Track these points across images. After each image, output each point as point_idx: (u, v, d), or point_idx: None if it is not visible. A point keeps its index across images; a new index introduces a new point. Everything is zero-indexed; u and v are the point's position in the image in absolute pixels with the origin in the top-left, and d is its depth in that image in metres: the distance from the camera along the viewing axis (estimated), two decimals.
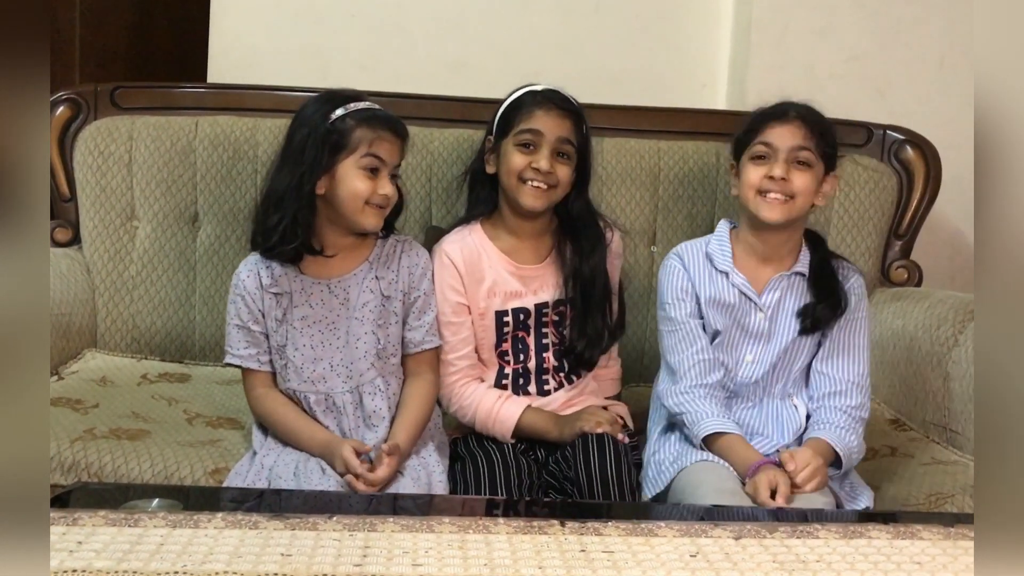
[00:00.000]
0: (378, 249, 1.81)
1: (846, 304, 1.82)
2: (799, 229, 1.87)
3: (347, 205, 1.72)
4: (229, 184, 2.33)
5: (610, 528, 1.31)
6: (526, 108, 1.89)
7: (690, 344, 1.84)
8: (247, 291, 1.78)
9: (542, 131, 1.87)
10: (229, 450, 1.83)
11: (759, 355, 1.84)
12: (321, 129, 1.71)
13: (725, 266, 1.85)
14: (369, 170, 1.71)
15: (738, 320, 1.84)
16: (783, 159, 1.78)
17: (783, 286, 1.84)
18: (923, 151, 2.41)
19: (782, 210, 1.78)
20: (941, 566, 1.24)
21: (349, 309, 1.78)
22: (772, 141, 1.80)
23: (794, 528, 1.35)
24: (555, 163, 1.87)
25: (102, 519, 1.28)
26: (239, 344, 1.79)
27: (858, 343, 1.84)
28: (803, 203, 1.80)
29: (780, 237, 1.84)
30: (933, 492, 1.77)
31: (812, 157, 1.79)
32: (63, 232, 2.36)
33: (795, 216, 1.81)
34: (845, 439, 1.76)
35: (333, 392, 1.77)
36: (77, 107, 2.35)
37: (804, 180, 1.78)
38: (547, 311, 1.94)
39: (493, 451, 1.82)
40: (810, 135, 1.79)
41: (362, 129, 1.71)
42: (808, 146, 1.79)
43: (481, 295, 1.91)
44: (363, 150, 1.70)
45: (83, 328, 2.29)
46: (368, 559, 1.19)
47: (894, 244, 2.43)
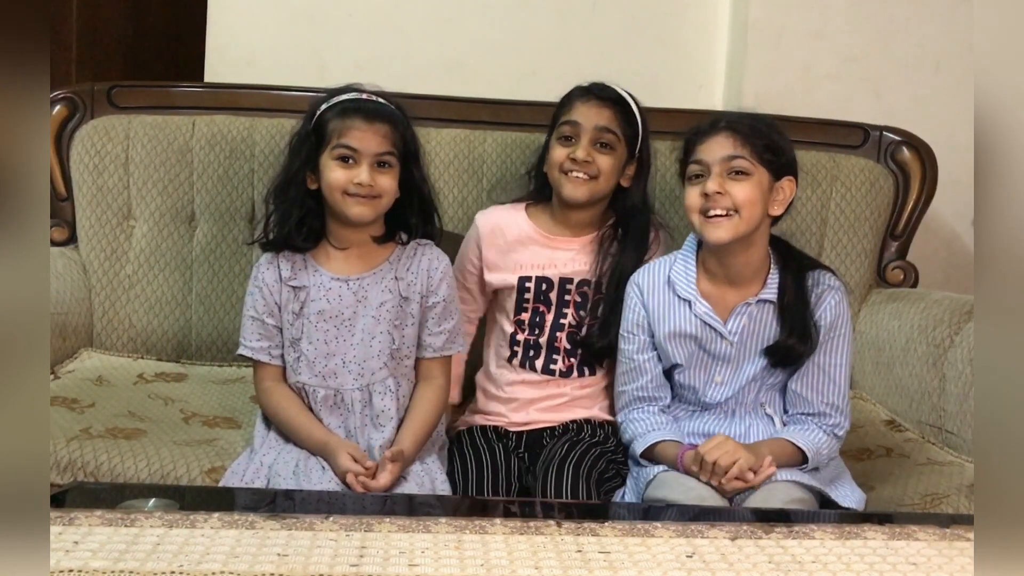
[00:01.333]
0: (399, 251, 1.82)
1: (818, 334, 1.73)
2: (759, 246, 1.76)
3: (329, 196, 1.74)
4: (226, 184, 2.33)
5: (606, 528, 1.32)
6: (567, 102, 1.93)
7: (634, 379, 1.83)
8: (265, 283, 1.79)
9: (579, 121, 1.89)
10: (225, 449, 1.83)
11: (728, 377, 1.79)
12: (308, 126, 1.76)
13: (688, 294, 1.78)
14: (341, 159, 1.72)
15: (703, 346, 1.79)
16: (716, 173, 1.69)
17: (751, 312, 1.76)
18: (919, 152, 2.41)
19: (728, 227, 1.69)
20: (937, 567, 1.24)
21: (366, 307, 1.78)
22: (703, 156, 1.71)
23: (790, 529, 1.35)
24: (595, 153, 1.88)
25: (98, 519, 1.27)
26: (252, 336, 1.79)
27: (836, 363, 1.75)
28: (750, 215, 1.69)
29: (739, 259, 1.75)
30: (929, 493, 1.78)
31: (748, 165, 1.69)
32: (59, 231, 2.35)
33: (743, 232, 1.70)
34: (812, 437, 1.71)
35: (343, 389, 1.77)
36: (74, 106, 2.34)
37: (744, 191, 1.68)
38: (570, 287, 1.94)
39: (483, 451, 1.83)
40: (743, 142, 1.69)
41: (335, 120, 1.73)
42: (741, 154, 1.69)
43: (507, 263, 1.95)
44: (334, 140, 1.72)
45: (79, 327, 2.28)
46: (365, 559, 1.19)
47: (890, 245, 2.43)
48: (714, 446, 1.65)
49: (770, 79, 2.62)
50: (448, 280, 1.83)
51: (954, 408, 1.97)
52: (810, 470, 1.72)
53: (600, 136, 1.88)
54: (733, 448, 1.64)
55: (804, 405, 1.77)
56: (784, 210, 1.77)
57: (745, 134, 1.70)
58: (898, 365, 2.15)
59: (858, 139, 2.44)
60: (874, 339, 2.25)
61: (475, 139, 2.38)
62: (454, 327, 1.83)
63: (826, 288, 1.78)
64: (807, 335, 1.73)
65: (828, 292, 1.77)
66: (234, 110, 2.38)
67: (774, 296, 1.76)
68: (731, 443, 1.66)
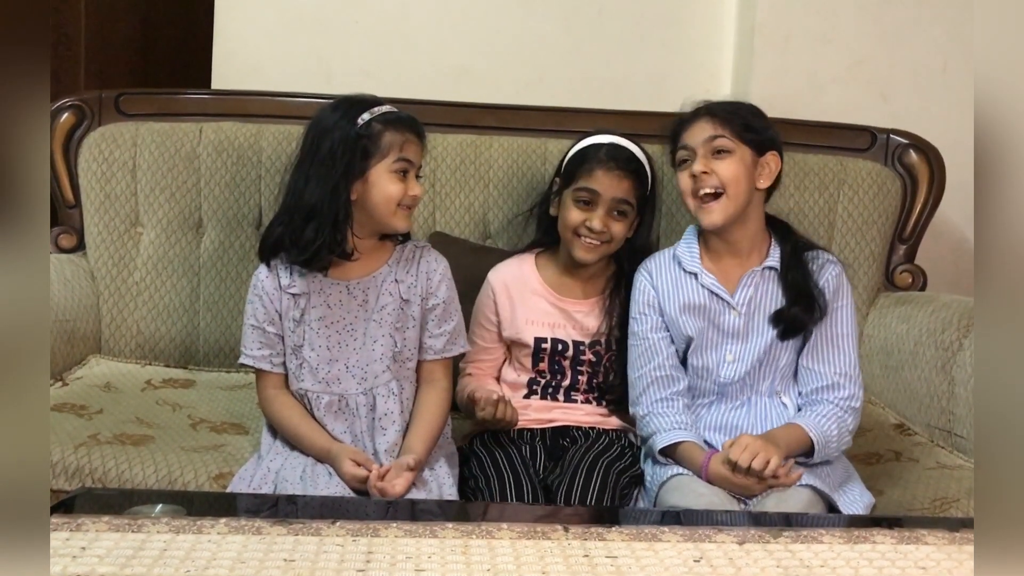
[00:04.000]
0: (398, 253, 1.82)
1: (824, 303, 1.79)
2: (754, 219, 1.84)
3: (380, 208, 1.73)
4: (233, 190, 2.33)
5: (614, 533, 1.31)
6: (587, 164, 1.92)
7: (650, 359, 1.85)
8: (265, 291, 1.78)
9: (599, 191, 1.89)
10: (233, 455, 1.83)
11: (739, 353, 1.81)
12: (351, 135, 1.70)
13: (693, 267, 1.84)
14: (400, 172, 1.73)
15: (712, 321, 1.82)
16: (701, 155, 1.78)
17: (756, 282, 1.82)
18: (927, 155, 2.41)
19: (719, 210, 1.78)
20: (946, 571, 1.23)
21: (368, 311, 1.78)
22: (687, 142, 1.81)
23: (798, 533, 1.34)
24: (610, 221, 1.90)
25: (105, 524, 1.27)
26: (253, 345, 1.79)
27: (842, 332, 1.80)
28: (736, 192, 1.77)
29: (736, 234, 1.82)
30: (938, 497, 1.77)
31: (729, 143, 1.77)
32: (67, 238, 2.36)
33: (734, 211, 1.78)
34: (823, 425, 1.73)
35: (347, 394, 1.77)
36: (81, 114, 2.35)
37: (728, 168, 1.77)
38: (584, 348, 1.97)
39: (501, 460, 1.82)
40: (722, 124, 1.78)
41: (391, 133, 1.72)
42: (722, 134, 1.77)
43: (520, 321, 1.97)
44: (395, 154, 1.72)
45: (87, 334, 2.29)
46: (371, 564, 1.19)
47: (898, 248, 2.43)
48: (743, 449, 1.64)
49: (777, 83, 2.62)
50: (447, 282, 1.83)
51: (963, 412, 1.96)
52: (819, 464, 1.72)
53: (617, 206, 1.91)
54: (762, 447, 1.64)
55: (816, 379, 1.79)
56: (772, 183, 1.83)
57: (723, 116, 1.79)
58: (907, 369, 2.14)
59: (865, 142, 2.44)
60: (883, 343, 2.24)
61: (481, 144, 2.38)
62: (454, 328, 1.82)
63: (825, 262, 1.84)
64: (812, 304, 1.78)
65: (828, 265, 1.83)
66: (241, 117, 2.39)
67: (777, 264, 1.82)
68: (757, 442, 1.66)
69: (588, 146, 1.95)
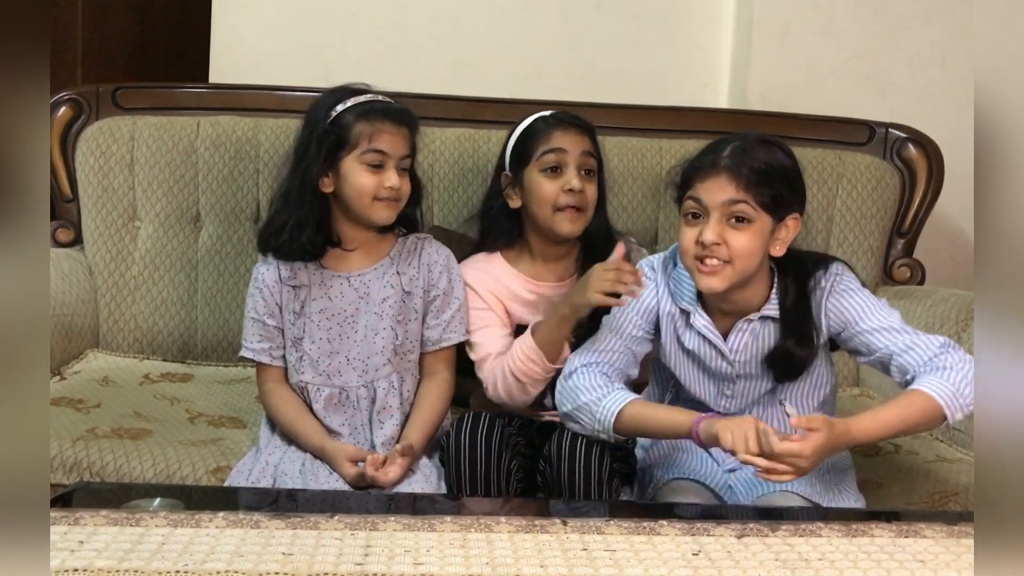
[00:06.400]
0: (399, 245, 1.82)
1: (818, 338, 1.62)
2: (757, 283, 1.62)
3: (355, 201, 1.73)
4: (231, 184, 2.33)
5: (612, 527, 1.31)
6: (542, 132, 1.85)
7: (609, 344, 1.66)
8: (265, 284, 1.78)
9: (566, 148, 1.82)
10: (231, 449, 1.83)
11: (738, 392, 1.68)
12: (321, 127, 1.71)
13: (687, 304, 1.65)
14: (372, 165, 1.71)
15: (704, 366, 1.67)
16: (715, 219, 1.53)
17: (752, 329, 1.64)
18: (925, 149, 2.41)
19: (722, 277, 1.55)
20: (944, 564, 1.23)
21: (369, 304, 1.78)
22: (701, 196, 1.55)
23: (796, 526, 1.34)
24: (583, 181, 1.83)
25: (104, 518, 1.28)
26: (253, 338, 1.79)
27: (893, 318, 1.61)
28: (744, 267, 1.55)
29: (734, 296, 1.61)
30: (937, 490, 1.77)
31: (750, 211, 1.53)
32: (65, 232, 2.36)
33: (738, 280, 1.56)
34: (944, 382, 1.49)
35: (347, 386, 1.77)
36: (79, 107, 2.35)
37: (743, 241, 1.53)
38: None
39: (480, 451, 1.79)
40: (746, 188, 1.52)
41: (361, 124, 1.70)
42: (744, 199, 1.53)
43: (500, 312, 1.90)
44: (364, 145, 1.70)
45: (85, 328, 2.29)
46: (370, 558, 1.19)
47: (897, 242, 2.43)
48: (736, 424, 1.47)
49: (775, 77, 2.62)
50: (448, 273, 1.83)
51: None
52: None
53: (585, 162, 1.84)
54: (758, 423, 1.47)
55: (916, 355, 1.57)
56: (782, 251, 1.61)
57: (748, 179, 1.53)
58: None
59: (864, 136, 2.44)
60: None
61: (479, 138, 2.37)
62: (451, 316, 1.81)
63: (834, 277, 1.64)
64: (808, 340, 1.61)
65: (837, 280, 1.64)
66: (239, 111, 2.38)
67: (776, 313, 1.63)
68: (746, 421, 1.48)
69: (533, 121, 1.88)
